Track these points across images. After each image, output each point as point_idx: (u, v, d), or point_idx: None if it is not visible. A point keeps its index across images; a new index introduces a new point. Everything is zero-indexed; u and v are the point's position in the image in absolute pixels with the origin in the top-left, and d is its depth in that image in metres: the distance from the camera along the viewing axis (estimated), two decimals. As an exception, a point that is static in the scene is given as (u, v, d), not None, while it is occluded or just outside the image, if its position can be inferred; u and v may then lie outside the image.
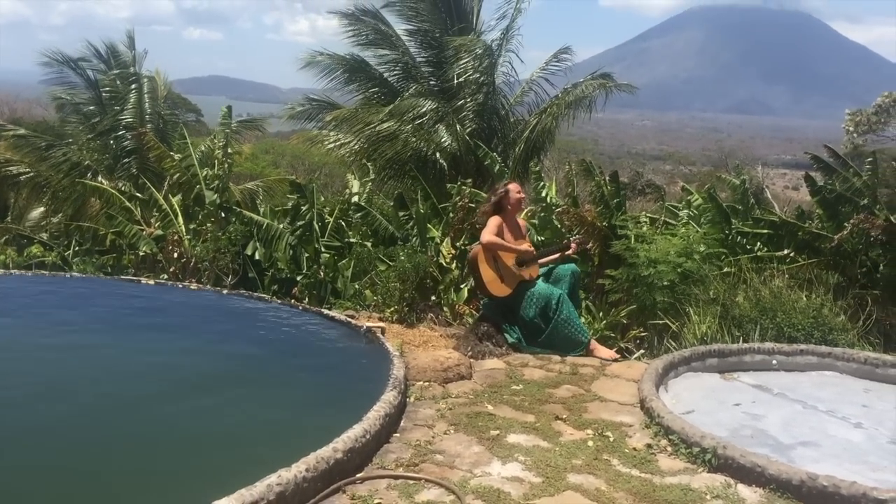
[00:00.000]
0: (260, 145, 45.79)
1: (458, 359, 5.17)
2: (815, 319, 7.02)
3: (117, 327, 5.88)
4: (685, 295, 7.96)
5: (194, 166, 11.19)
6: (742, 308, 7.45)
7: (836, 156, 11.42)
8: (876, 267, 9.22)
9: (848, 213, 9.38)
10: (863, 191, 10.02)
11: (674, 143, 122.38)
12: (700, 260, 8.47)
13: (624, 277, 8.59)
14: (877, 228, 8.65)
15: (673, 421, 4.16)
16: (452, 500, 3.33)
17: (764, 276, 7.85)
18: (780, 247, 9.34)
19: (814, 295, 7.62)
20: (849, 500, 3.42)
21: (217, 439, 3.83)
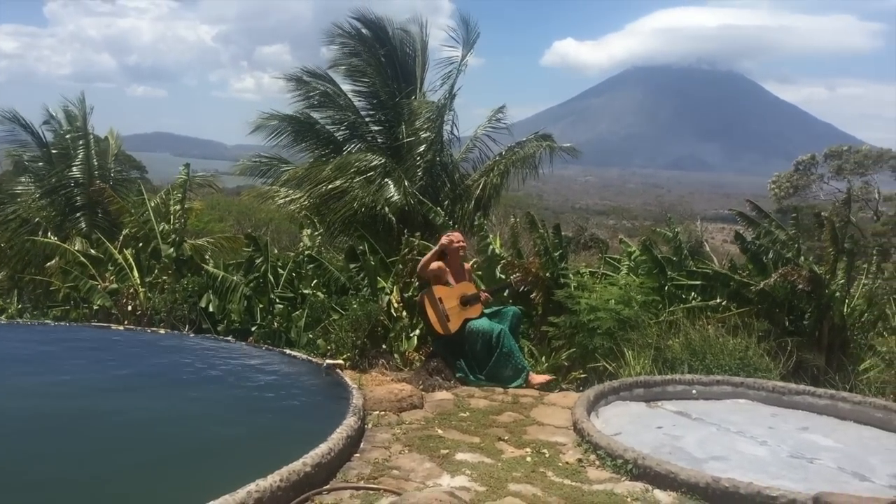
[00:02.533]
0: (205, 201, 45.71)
1: (410, 390, 5.70)
2: (741, 361, 7.72)
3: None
4: (623, 340, 8.60)
5: (151, 221, 11.55)
6: (674, 351, 8.12)
7: (759, 210, 12.34)
8: (802, 316, 10.03)
9: (774, 265, 10.20)
10: (787, 244, 10.90)
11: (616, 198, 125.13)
12: (637, 308, 9.16)
13: (566, 324, 9.21)
14: (802, 279, 9.45)
15: (600, 438, 4.74)
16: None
17: (698, 324, 8.54)
18: (713, 296, 10.08)
19: (740, 339, 8.35)
20: (746, 498, 4.01)
21: (202, 456, 4.30)
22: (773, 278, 9.63)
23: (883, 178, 36.10)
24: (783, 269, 9.67)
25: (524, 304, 9.92)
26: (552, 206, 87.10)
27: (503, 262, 10.49)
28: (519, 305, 9.90)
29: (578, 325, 9.13)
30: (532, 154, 16.40)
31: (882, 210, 34.36)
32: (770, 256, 10.55)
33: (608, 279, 10.17)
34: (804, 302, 9.92)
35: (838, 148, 36.66)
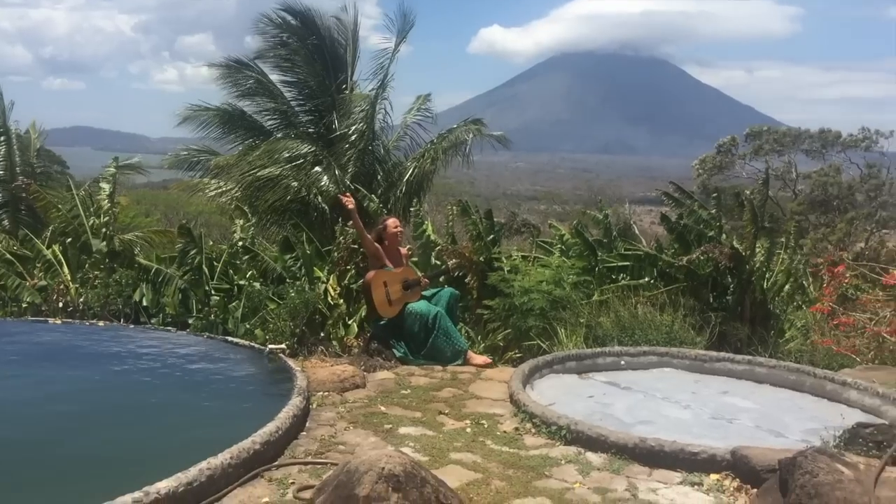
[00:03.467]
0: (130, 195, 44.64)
1: (352, 371, 5.88)
2: (668, 335, 8.11)
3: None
4: (556, 319, 8.92)
5: (80, 216, 11.37)
6: (605, 328, 8.47)
7: (682, 191, 12.84)
8: (725, 291, 10.52)
9: (698, 243, 10.66)
10: (709, 222, 11.39)
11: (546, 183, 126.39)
12: (569, 288, 9.49)
13: (501, 307, 9.49)
14: (724, 256, 9.92)
15: (536, 408, 5.00)
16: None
17: (627, 303, 8.91)
18: (642, 276, 10.49)
19: (667, 315, 8.75)
20: (670, 455, 4.32)
21: (155, 438, 4.46)
22: (696, 254, 10.10)
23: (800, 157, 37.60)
24: (705, 246, 10.14)
25: (459, 289, 10.16)
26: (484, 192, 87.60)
27: (438, 248, 10.71)
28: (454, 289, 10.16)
29: (512, 307, 9.41)
30: (463, 141, 16.63)
31: (800, 188, 35.83)
32: (693, 236, 11.04)
33: (540, 262, 10.49)
34: (727, 278, 10.42)
35: (758, 128, 38.02)
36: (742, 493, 4.04)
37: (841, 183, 34.23)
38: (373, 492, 2.28)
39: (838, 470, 3.60)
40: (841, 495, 3.46)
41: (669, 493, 4.06)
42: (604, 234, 11.81)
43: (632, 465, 4.38)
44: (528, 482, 4.12)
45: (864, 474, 3.65)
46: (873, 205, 33.97)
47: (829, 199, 34.23)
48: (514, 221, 34.17)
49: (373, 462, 2.38)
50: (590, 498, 3.96)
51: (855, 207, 33.72)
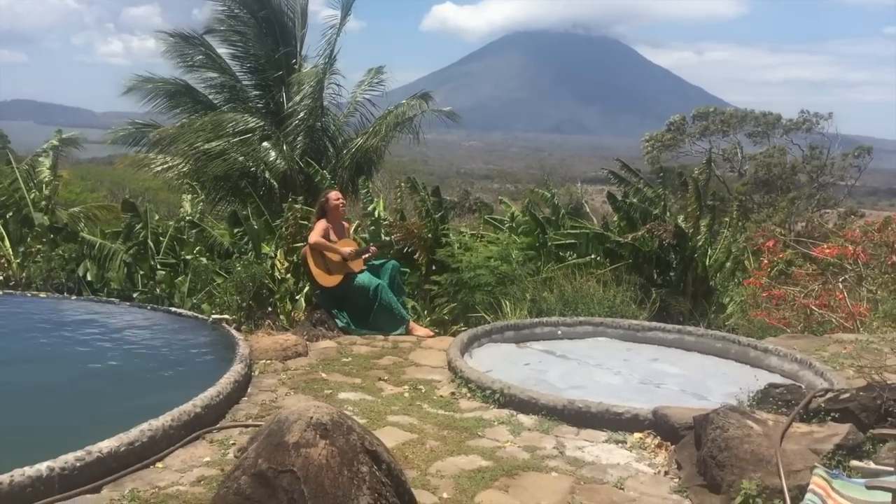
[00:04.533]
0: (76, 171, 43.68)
1: (295, 340, 6.00)
2: (610, 309, 8.37)
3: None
4: (501, 294, 9.13)
5: (21, 189, 11.21)
6: (549, 302, 8.70)
7: (629, 169, 13.13)
8: (669, 268, 10.85)
9: (643, 221, 10.96)
10: (654, 201, 11.70)
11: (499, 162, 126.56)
12: (516, 264, 9.70)
13: (448, 282, 9.67)
14: (668, 233, 10.22)
15: (471, 373, 5.20)
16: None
17: (576, 280, 9.14)
18: (588, 253, 10.75)
19: (611, 290, 9.02)
20: (597, 416, 4.55)
21: (98, 403, 4.57)
22: (641, 232, 10.40)
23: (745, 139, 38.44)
24: (650, 223, 10.45)
25: (408, 265, 10.31)
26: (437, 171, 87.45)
27: (387, 224, 10.84)
28: (403, 266, 10.31)
29: (460, 283, 9.60)
30: (411, 116, 16.69)
31: (745, 169, 36.67)
32: (639, 214, 11.34)
33: (489, 239, 10.69)
34: (670, 255, 10.75)
35: (705, 109, 38.74)
36: (662, 449, 4.28)
37: (784, 164, 35.09)
38: (301, 438, 2.43)
39: (748, 425, 3.86)
40: (749, 448, 3.71)
41: (595, 450, 4.29)
42: (552, 213, 12.06)
43: (561, 425, 4.61)
44: (461, 441, 4.31)
45: (772, 430, 3.92)
46: (814, 185, 34.93)
47: (772, 180, 35.10)
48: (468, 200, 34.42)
49: (302, 412, 2.52)
50: (519, 455, 4.16)
51: (798, 188, 34.63)
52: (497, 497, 3.66)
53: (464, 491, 3.69)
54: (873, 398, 3.91)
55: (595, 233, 11.03)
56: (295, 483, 2.35)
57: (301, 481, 2.34)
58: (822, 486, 2.93)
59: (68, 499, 3.35)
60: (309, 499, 2.32)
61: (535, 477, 3.89)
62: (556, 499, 3.67)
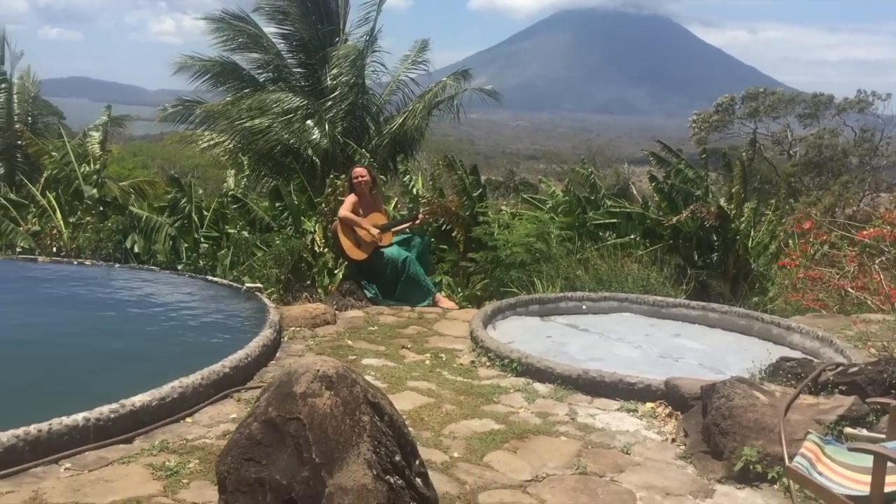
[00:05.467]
0: (128, 147, 44.66)
1: (324, 309, 6.23)
2: (644, 288, 8.43)
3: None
4: (535, 272, 9.24)
5: (72, 163, 11.63)
6: (583, 280, 8.79)
7: (669, 150, 13.07)
8: (710, 249, 10.81)
9: (684, 202, 10.90)
10: (696, 182, 11.63)
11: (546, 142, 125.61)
12: (554, 243, 9.79)
13: (484, 259, 9.81)
14: (710, 215, 10.19)
15: (491, 343, 5.36)
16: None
17: (613, 260, 9.18)
18: (628, 233, 10.75)
19: (644, 268, 9.07)
20: (609, 385, 4.68)
21: (133, 362, 4.85)
22: (684, 214, 10.36)
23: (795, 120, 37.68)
24: (693, 205, 10.40)
25: (446, 242, 10.47)
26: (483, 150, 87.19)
27: (424, 201, 10.99)
28: (441, 243, 10.48)
29: (496, 260, 9.74)
30: (451, 95, 16.80)
31: (795, 151, 35.97)
32: (679, 196, 11.28)
33: (527, 217, 10.77)
34: (712, 236, 10.70)
35: (755, 89, 38.04)
36: (672, 418, 4.39)
37: (836, 145, 34.33)
38: (308, 389, 2.61)
39: (754, 395, 3.95)
40: (752, 417, 3.81)
41: (606, 417, 4.42)
42: (591, 192, 12.07)
43: (575, 394, 4.74)
44: (476, 406, 4.48)
45: (778, 401, 4.00)
46: (866, 168, 34.13)
47: (823, 162, 34.36)
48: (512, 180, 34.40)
49: (309, 365, 2.70)
50: (531, 420, 4.31)
51: (849, 170, 33.87)
52: (505, 457, 3.82)
53: (474, 451, 3.86)
54: (879, 371, 3.97)
55: (635, 213, 11.03)
56: (301, 429, 2.53)
57: (307, 428, 2.53)
58: (813, 451, 3.02)
59: (103, 447, 3.60)
60: (313, 444, 2.50)
61: (544, 440, 4.04)
62: (562, 461, 3.81)
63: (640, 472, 3.74)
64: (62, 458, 3.43)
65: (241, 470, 2.57)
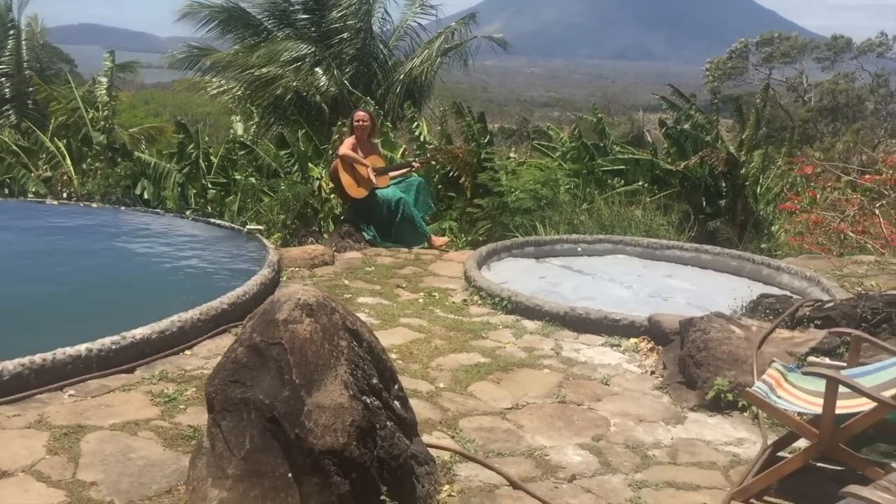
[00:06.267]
0: (139, 95, 44.57)
1: (323, 250, 6.40)
2: (647, 233, 8.53)
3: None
4: (539, 218, 9.35)
5: (80, 108, 11.75)
6: (586, 225, 8.90)
7: (680, 94, 13.00)
8: (719, 195, 10.84)
9: (693, 148, 10.89)
10: (707, 127, 11.59)
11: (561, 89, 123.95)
12: (562, 189, 9.87)
13: (490, 205, 9.91)
14: (720, 161, 10.20)
15: (483, 282, 5.51)
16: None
17: (619, 206, 9.23)
18: (636, 180, 10.78)
19: (649, 215, 9.16)
20: (595, 322, 4.84)
21: (138, 297, 5.07)
22: (693, 160, 10.36)
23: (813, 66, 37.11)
24: (703, 151, 10.40)
25: (453, 189, 10.56)
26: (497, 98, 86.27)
27: (431, 148, 11.04)
28: (449, 189, 10.57)
29: (502, 206, 9.84)
30: (461, 42, 16.71)
31: (810, 97, 35.52)
32: (689, 141, 11.24)
33: (534, 164, 10.82)
34: (721, 182, 10.72)
35: (769, 34, 37.42)
36: (654, 353, 4.56)
37: (851, 91, 33.87)
38: (290, 316, 2.76)
39: (729, 329, 4.10)
40: (727, 349, 3.96)
41: (589, 352, 4.59)
42: (600, 139, 12.07)
43: (562, 330, 4.91)
44: (465, 342, 4.65)
45: (754, 335, 4.15)
46: (882, 114, 33.70)
47: (838, 108, 33.94)
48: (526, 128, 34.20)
49: (291, 294, 2.85)
50: (517, 354, 4.49)
51: (864, 117, 33.45)
52: (489, 388, 4.00)
53: (459, 382, 4.04)
54: (853, 306, 4.10)
55: (643, 160, 11.03)
56: (282, 353, 2.69)
57: (288, 352, 2.69)
58: (775, 377, 3.17)
59: (105, 376, 3.80)
60: (294, 366, 2.67)
61: (527, 372, 4.22)
62: (543, 391, 3.99)
63: (616, 401, 3.91)
64: (66, 386, 3.64)
65: (227, 391, 2.74)
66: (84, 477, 2.91)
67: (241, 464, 2.67)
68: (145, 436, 3.25)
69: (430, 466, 3.03)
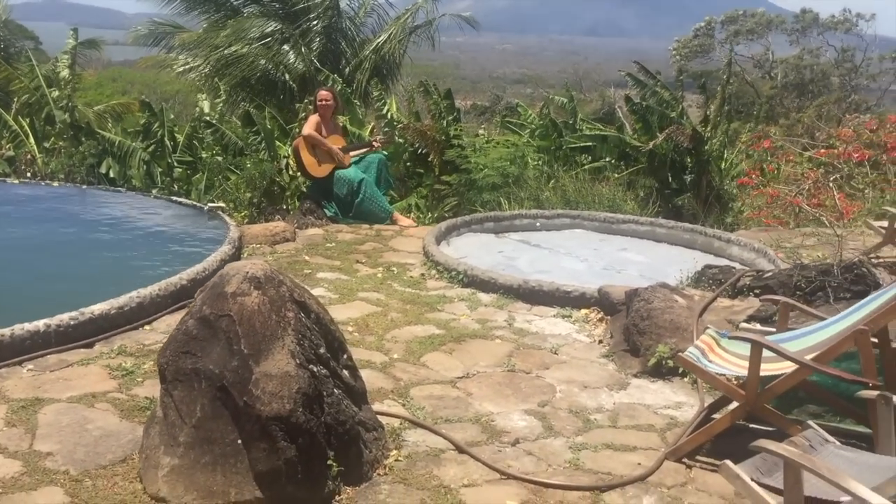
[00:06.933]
0: (107, 73, 43.86)
1: (284, 227, 6.49)
2: (610, 207, 8.67)
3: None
4: (505, 194, 9.47)
5: (42, 87, 11.64)
6: (551, 201, 9.03)
7: (646, 71, 13.13)
8: (684, 170, 11.00)
9: (658, 124, 11.03)
10: (671, 103, 11.73)
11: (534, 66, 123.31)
12: (531, 166, 9.97)
13: (457, 181, 10.00)
14: (684, 137, 10.36)
15: (440, 256, 5.64)
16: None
17: (586, 182, 9.35)
18: (603, 156, 10.91)
19: (613, 190, 9.30)
20: (548, 294, 4.98)
21: (100, 274, 5.10)
22: (660, 138, 10.50)
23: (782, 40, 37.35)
24: (669, 128, 10.54)
25: (422, 166, 10.62)
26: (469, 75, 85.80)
27: (400, 126, 11.09)
28: (417, 167, 10.62)
29: (469, 182, 9.94)
30: (429, 21, 16.66)
31: (776, 73, 35.83)
32: (655, 117, 11.39)
33: (501, 142, 10.91)
34: (686, 158, 10.89)
35: (734, 13, 37.62)
36: (603, 323, 4.71)
37: (816, 66, 34.22)
38: (238, 289, 2.86)
39: (672, 299, 4.26)
40: (668, 318, 4.12)
41: (541, 322, 4.74)
42: (569, 116, 12.18)
43: (516, 302, 5.05)
44: (420, 314, 4.78)
45: (696, 304, 4.32)
46: (846, 89, 34.10)
47: (804, 83, 34.29)
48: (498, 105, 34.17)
49: (240, 268, 2.95)
50: (471, 326, 4.63)
51: (830, 92, 33.83)
52: (441, 358, 4.14)
53: (412, 353, 4.17)
54: (789, 276, 4.27)
55: (610, 136, 11.15)
56: (231, 325, 2.80)
57: (236, 323, 2.79)
58: (708, 343, 3.33)
59: (64, 351, 3.88)
60: (242, 337, 2.77)
61: (479, 343, 4.36)
62: (493, 360, 4.13)
63: (563, 369, 4.06)
64: (25, 361, 3.71)
65: (178, 362, 2.84)
66: (40, 448, 3.00)
67: (192, 431, 2.77)
68: (102, 407, 3.35)
69: (378, 433, 3.15)
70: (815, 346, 3.13)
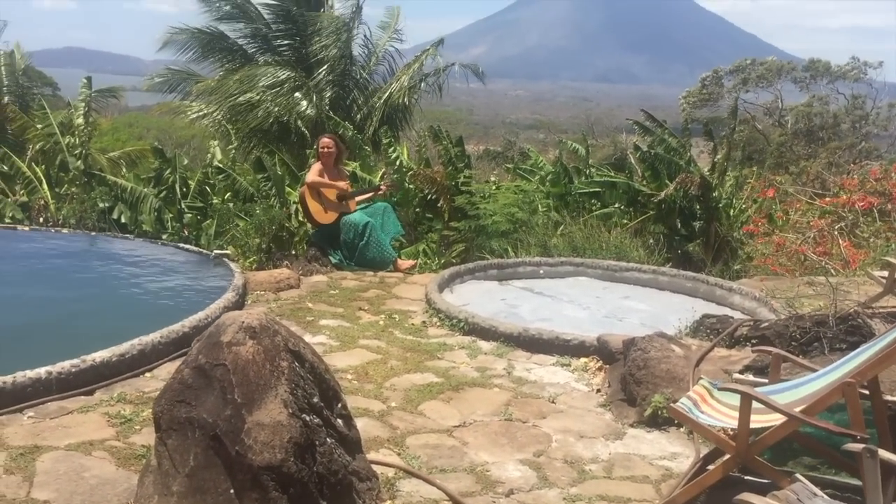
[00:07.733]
0: (122, 119, 44.59)
1: (289, 274, 6.56)
2: (617, 254, 8.72)
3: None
4: (515, 240, 9.54)
5: (56, 134, 11.88)
6: (559, 248, 9.09)
7: (653, 119, 13.27)
8: (693, 217, 11.07)
9: (667, 172, 11.13)
10: (679, 151, 11.84)
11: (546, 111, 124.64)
12: (541, 211, 10.06)
13: (466, 228, 10.09)
14: (693, 184, 10.46)
15: (442, 304, 5.68)
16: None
17: (596, 229, 9.42)
18: (612, 202, 10.99)
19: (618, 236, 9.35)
20: (547, 342, 5.01)
21: (104, 321, 5.16)
22: (671, 187, 10.59)
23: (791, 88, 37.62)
24: (679, 176, 10.64)
25: (431, 211, 10.72)
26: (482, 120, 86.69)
27: (410, 173, 11.23)
28: (427, 212, 10.73)
29: (479, 229, 10.03)
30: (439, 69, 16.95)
31: (786, 120, 36.03)
32: (663, 165, 11.48)
33: (511, 188, 11.01)
34: (695, 205, 10.96)
35: (742, 62, 38.00)
36: (602, 371, 4.72)
37: (826, 113, 34.39)
38: (233, 338, 2.92)
39: (669, 348, 4.27)
40: (665, 367, 4.13)
41: (540, 371, 4.76)
42: (579, 162, 12.32)
43: (516, 350, 5.08)
44: (420, 362, 4.81)
45: (693, 353, 4.33)
46: (857, 136, 34.21)
47: (814, 130, 34.44)
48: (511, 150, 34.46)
49: (236, 317, 3.01)
50: (470, 374, 4.65)
51: (840, 139, 33.93)
52: (439, 406, 4.15)
53: (410, 401, 4.20)
54: (785, 326, 4.29)
55: (620, 182, 11.24)
56: (226, 374, 2.84)
57: (231, 372, 2.84)
58: (700, 393, 3.33)
59: (65, 398, 3.92)
60: (236, 386, 2.82)
61: (478, 392, 4.38)
62: (490, 409, 4.15)
63: (560, 419, 4.07)
64: (26, 408, 3.76)
65: (173, 410, 2.88)
66: (38, 495, 3.03)
67: (185, 481, 2.80)
68: (99, 455, 3.38)
69: (371, 482, 3.17)
70: (805, 397, 3.13)
